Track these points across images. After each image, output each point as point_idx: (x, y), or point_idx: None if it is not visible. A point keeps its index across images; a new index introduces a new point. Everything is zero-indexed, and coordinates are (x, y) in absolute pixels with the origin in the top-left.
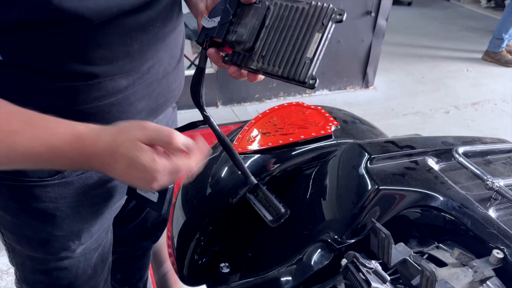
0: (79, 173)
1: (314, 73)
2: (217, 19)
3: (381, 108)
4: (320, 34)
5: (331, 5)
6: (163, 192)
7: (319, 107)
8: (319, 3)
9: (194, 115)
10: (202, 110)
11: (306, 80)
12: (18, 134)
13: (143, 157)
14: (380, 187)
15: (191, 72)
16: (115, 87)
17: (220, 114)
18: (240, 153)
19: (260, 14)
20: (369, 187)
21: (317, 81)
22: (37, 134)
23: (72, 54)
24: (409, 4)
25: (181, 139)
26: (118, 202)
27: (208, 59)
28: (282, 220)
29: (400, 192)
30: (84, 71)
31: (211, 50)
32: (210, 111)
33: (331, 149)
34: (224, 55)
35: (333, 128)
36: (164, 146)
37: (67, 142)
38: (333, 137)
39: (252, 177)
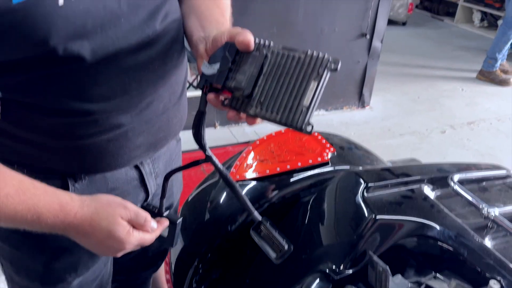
0: None
1: (310, 120)
2: (216, 65)
3: (378, 128)
4: (316, 83)
5: (326, 55)
6: (173, 227)
7: (316, 133)
8: (314, 53)
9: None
10: (204, 150)
11: (303, 127)
12: (8, 198)
13: (122, 230)
14: (377, 217)
15: (189, 93)
16: (112, 124)
17: (218, 135)
18: (238, 181)
19: (258, 62)
20: (366, 216)
21: (313, 127)
22: (26, 200)
23: (69, 91)
24: (404, 24)
25: (151, 224)
26: None
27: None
28: (286, 257)
29: (397, 221)
30: (81, 108)
31: (211, 95)
32: (208, 132)
33: (328, 176)
34: (223, 99)
35: (329, 155)
36: (138, 226)
37: (51, 210)
38: (330, 164)
39: (256, 213)
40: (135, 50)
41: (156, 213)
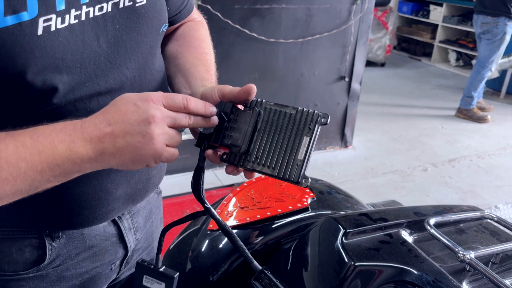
0: (55, 266)
1: (306, 173)
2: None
3: (361, 168)
4: (308, 138)
5: (316, 111)
6: (169, 282)
7: None
8: (305, 109)
9: (186, 178)
10: (203, 203)
11: (299, 180)
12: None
13: (147, 94)
14: (356, 263)
15: None
16: (90, 174)
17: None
18: (218, 229)
19: (252, 120)
20: (346, 263)
21: (310, 180)
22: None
23: None
24: (383, 65)
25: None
26: None
27: None
28: None
29: (376, 267)
30: None
31: (209, 152)
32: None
33: (309, 221)
34: (221, 153)
35: (309, 200)
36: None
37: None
38: (310, 210)
39: (256, 263)
40: (116, 92)
41: (152, 269)
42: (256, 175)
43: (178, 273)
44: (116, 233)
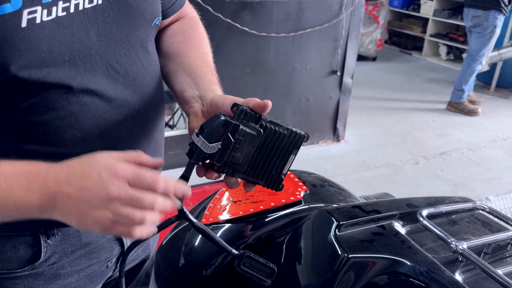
0: (51, 263)
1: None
2: (218, 145)
3: (353, 162)
4: (293, 156)
5: (302, 132)
6: None
7: (289, 172)
8: (294, 130)
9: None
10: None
11: (279, 188)
12: None
13: (116, 167)
14: (349, 255)
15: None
16: None
17: (195, 174)
18: (211, 223)
19: (256, 142)
20: (339, 255)
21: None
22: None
23: (36, 130)
24: (374, 59)
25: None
26: None
27: None
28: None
29: (370, 259)
30: (51, 151)
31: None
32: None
33: (302, 215)
34: (210, 165)
35: (302, 194)
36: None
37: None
38: (303, 203)
39: (234, 250)
40: (110, 89)
41: None
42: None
43: None
44: None
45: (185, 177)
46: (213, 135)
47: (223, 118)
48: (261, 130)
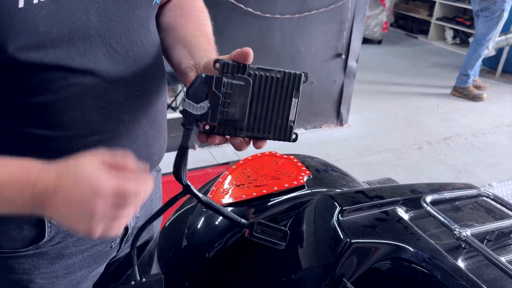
0: (55, 243)
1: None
2: (206, 103)
3: (356, 146)
4: (296, 99)
5: (298, 72)
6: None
7: (292, 157)
8: (292, 71)
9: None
10: (182, 183)
11: (292, 138)
12: None
13: (91, 162)
14: (352, 240)
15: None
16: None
17: (197, 157)
18: None
19: (247, 91)
20: (342, 240)
21: (297, 135)
22: None
23: (37, 112)
24: (379, 42)
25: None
26: (95, 270)
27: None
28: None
29: (372, 244)
30: (53, 134)
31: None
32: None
33: (305, 199)
34: (207, 127)
35: (305, 178)
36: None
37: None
38: (306, 187)
39: (243, 220)
40: (110, 69)
41: (134, 285)
42: (250, 148)
43: (162, 276)
44: None
45: (182, 147)
46: (198, 95)
47: (204, 75)
48: (249, 79)
